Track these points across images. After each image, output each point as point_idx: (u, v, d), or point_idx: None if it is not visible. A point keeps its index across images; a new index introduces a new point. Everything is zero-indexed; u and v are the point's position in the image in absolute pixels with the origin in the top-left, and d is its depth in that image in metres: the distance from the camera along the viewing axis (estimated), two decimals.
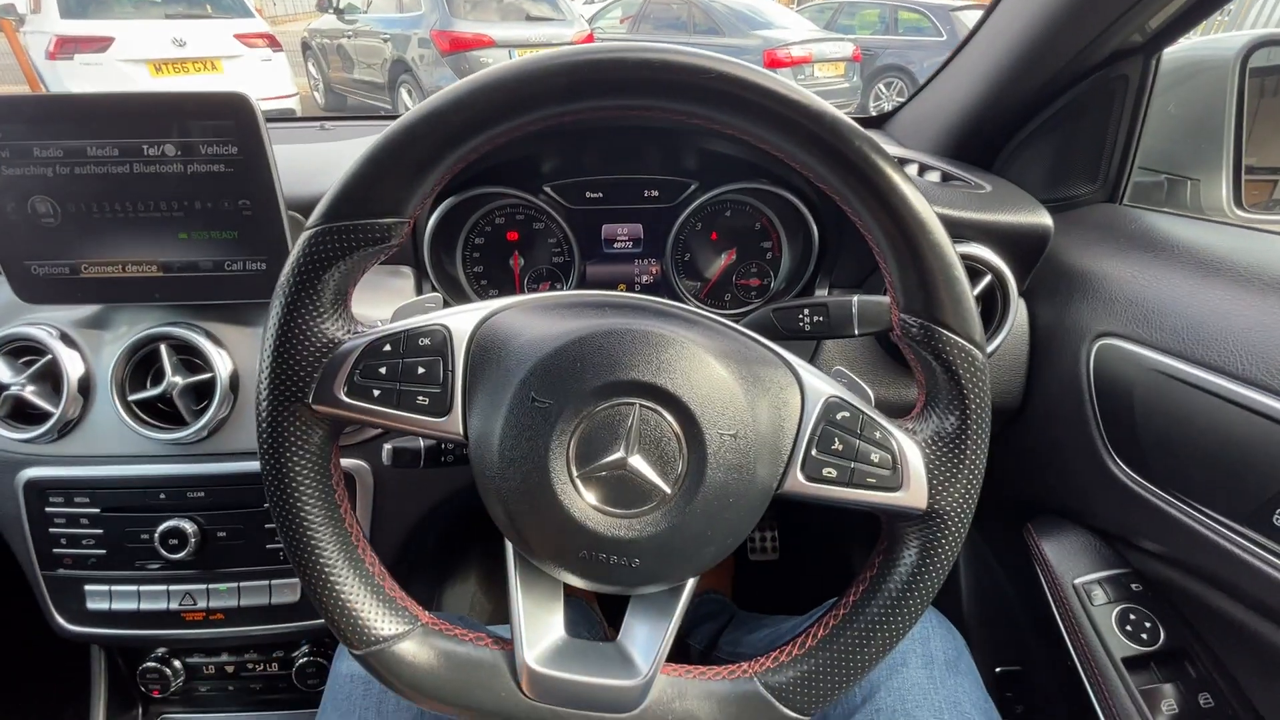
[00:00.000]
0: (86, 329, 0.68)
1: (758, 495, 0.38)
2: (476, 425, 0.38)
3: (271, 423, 0.39)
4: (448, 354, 0.38)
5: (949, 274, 0.37)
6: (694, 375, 0.36)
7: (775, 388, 0.39)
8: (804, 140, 0.36)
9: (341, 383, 0.38)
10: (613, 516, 0.36)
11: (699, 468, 0.36)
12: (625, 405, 0.36)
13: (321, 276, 0.37)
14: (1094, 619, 0.60)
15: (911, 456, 0.39)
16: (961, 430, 0.39)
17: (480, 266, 0.78)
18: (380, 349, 0.38)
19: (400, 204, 0.37)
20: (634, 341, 0.37)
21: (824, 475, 0.38)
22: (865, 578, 0.42)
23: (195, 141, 0.60)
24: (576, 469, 0.36)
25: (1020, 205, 0.69)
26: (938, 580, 0.40)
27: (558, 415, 0.36)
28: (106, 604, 0.69)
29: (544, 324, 0.39)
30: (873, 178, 0.36)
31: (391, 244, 0.38)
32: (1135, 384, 0.58)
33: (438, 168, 0.37)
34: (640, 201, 0.74)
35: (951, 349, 0.38)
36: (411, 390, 0.38)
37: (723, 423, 0.36)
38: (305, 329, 0.38)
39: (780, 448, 0.38)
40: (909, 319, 0.39)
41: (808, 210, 0.72)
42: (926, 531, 0.40)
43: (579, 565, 0.37)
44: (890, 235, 0.37)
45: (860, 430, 0.39)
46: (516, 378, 0.37)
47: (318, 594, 0.41)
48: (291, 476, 0.39)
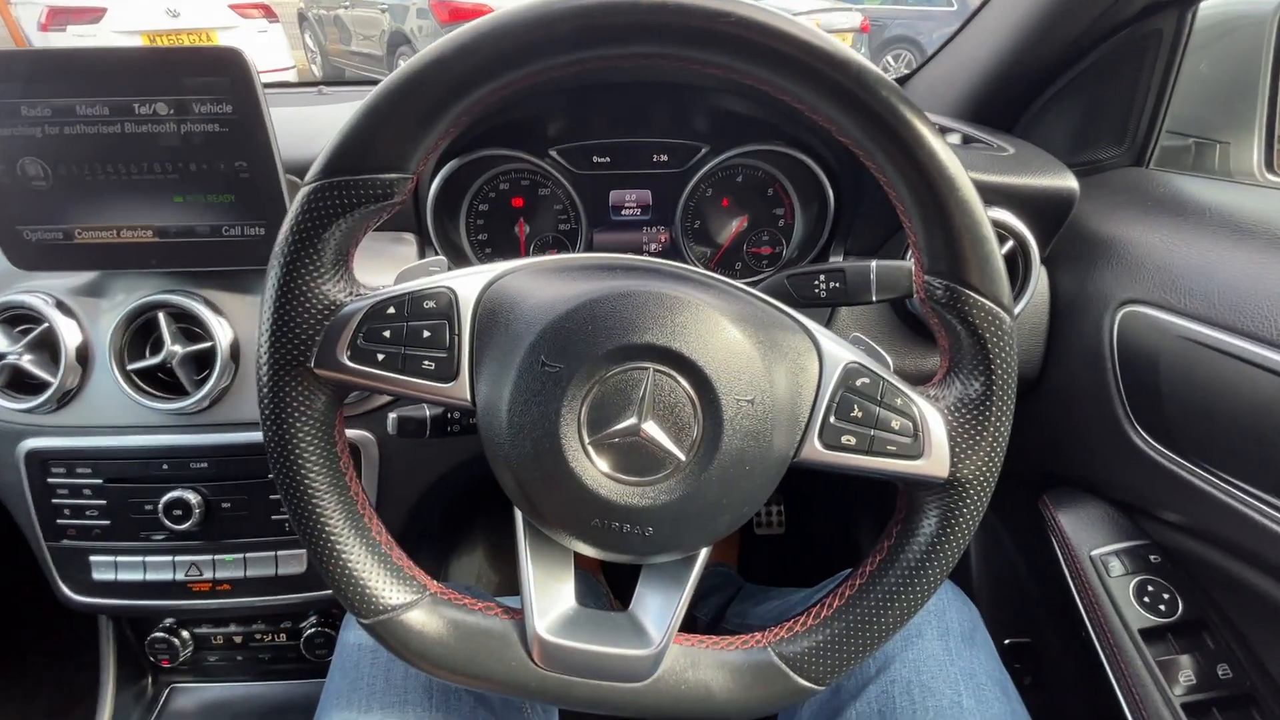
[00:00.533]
0: (83, 296, 0.66)
1: (774, 463, 0.37)
2: (484, 391, 0.36)
3: (273, 388, 0.38)
4: (454, 317, 0.37)
5: (977, 233, 0.35)
6: (710, 339, 0.35)
7: (793, 353, 0.38)
8: (827, 90, 0.34)
9: (344, 346, 0.37)
10: (625, 484, 0.35)
11: (714, 434, 0.35)
12: (639, 370, 0.35)
13: (321, 235, 0.36)
14: (1111, 590, 0.59)
15: (933, 424, 0.38)
16: (986, 396, 0.38)
17: (485, 234, 0.76)
18: (384, 312, 0.37)
19: (403, 158, 0.35)
20: (648, 304, 0.35)
21: (843, 443, 0.37)
22: (883, 547, 0.41)
23: (188, 100, 0.57)
24: (588, 435, 0.35)
25: (1044, 168, 0.66)
26: (957, 550, 0.39)
27: (569, 380, 0.34)
28: (112, 574, 0.69)
29: (554, 286, 0.37)
30: (899, 130, 0.34)
31: (394, 201, 0.36)
32: (1161, 352, 0.56)
33: (442, 119, 0.35)
34: (649, 166, 0.72)
35: (978, 312, 0.36)
36: (417, 354, 0.37)
37: (739, 388, 0.35)
38: (306, 290, 0.36)
39: (798, 414, 0.37)
40: (934, 281, 0.37)
41: (823, 173, 0.70)
42: (947, 500, 0.39)
43: (591, 534, 0.36)
44: (916, 191, 0.35)
45: (880, 397, 0.37)
46: (526, 341, 0.35)
47: (324, 563, 0.40)
48: (295, 444, 0.38)
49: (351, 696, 0.52)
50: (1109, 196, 0.69)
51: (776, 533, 1.27)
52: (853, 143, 0.36)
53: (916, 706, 0.51)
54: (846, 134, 0.36)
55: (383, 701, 0.51)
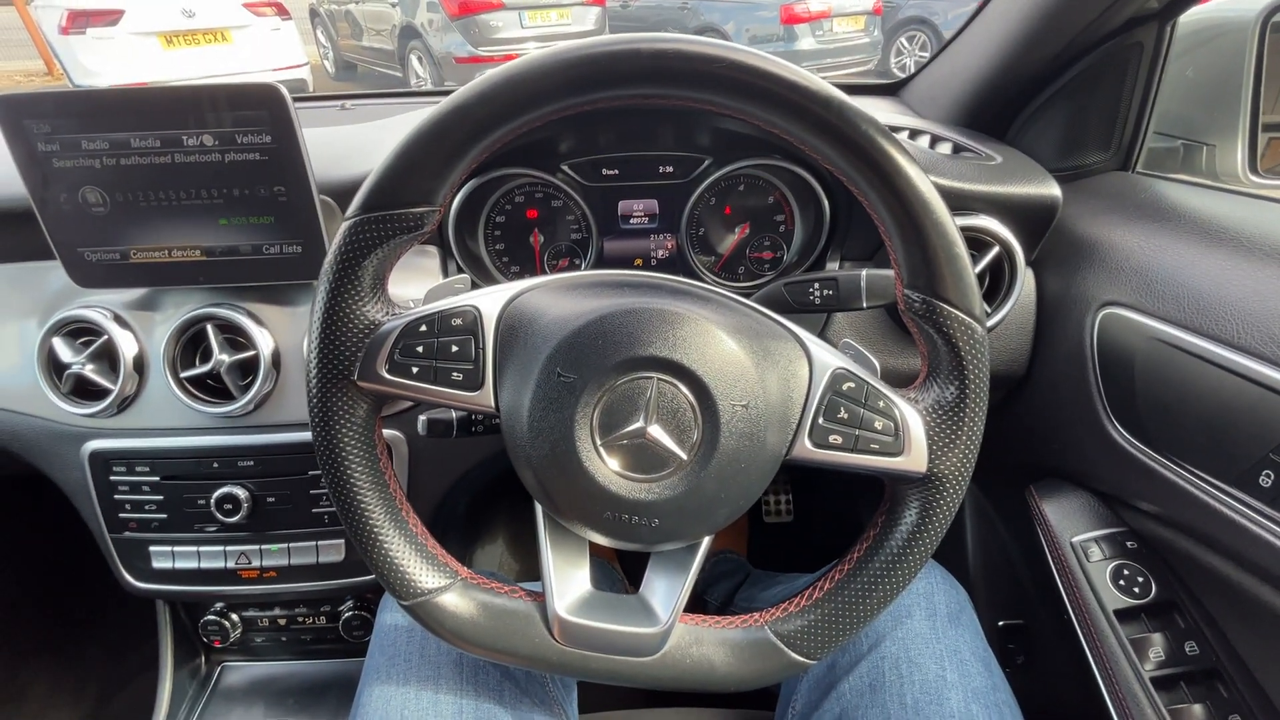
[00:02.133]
0: (138, 311, 0.72)
1: (768, 461, 0.40)
2: (507, 399, 0.40)
3: (321, 399, 0.42)
4: (479, 333, 0.40)
5: (950, 251, 0.38)
6: (707, 350, 0.38)
7: (785, 360, 0.40)
8: (812, 125, 0.38)
9: (383, 361, 0.40)
10: (634, 481, 0.39)
11: (713, 436, 0.38)
12: (644, 379, 0.38)
13: (361, 264, 0.40)
14: (1089, 574, 0.63)
15: (913, 424, 0.41)
16: (960, 400, 0.41)
17: (502, 244, 0.80)
18: (417, 329, 0.40)
19: (431, 193, 0.39)
20: (651, 319, 0.38)
21: (830, 442, 0.40)
22: (869, 536, 0.45)
23: (231, 132, 0.63)
24: (600, 438, 0.38)
25: (1029, 177, 0.69)
26: (936, 537, 0.42)
27: (582, 389, 0.38)
28: (170, 563, 0.75)
29: (567, 303, 0.41)
30: (878, 160, 0.38)
31: (424, 230, 0.40)
32: (1136, 352, 0.60)
33: (465, 158, 0.39)
34: (655, 178, 0.75)
35: (952, 323, 0.39)
36: (447, 367, 0.40)
37: (735, 394, 0.38)
38: (348, 313, 0.40)
39: (789, 416, 0.40)
40: (912, 294, 0.40)
41: (819, 185, 0.73)
42: (926, 493, 0.42)
43: (604, 525, 0.40)
44: (895, 214, 0.38)
45: (865, 400, 0.40)
46: (543, 354, 0.39)
47: (368, 551, 0.45)
48: (341, 447, 0.43)
49: (390, 671, 0.58)
50: (1094, 201, 0.71)
51: (785, 521, 1.31)
52: (837, 170, 0.39)
53: (904, 680, 0.56)
54: (831, 163, 0.39)
55: (419, 675, 0.57)
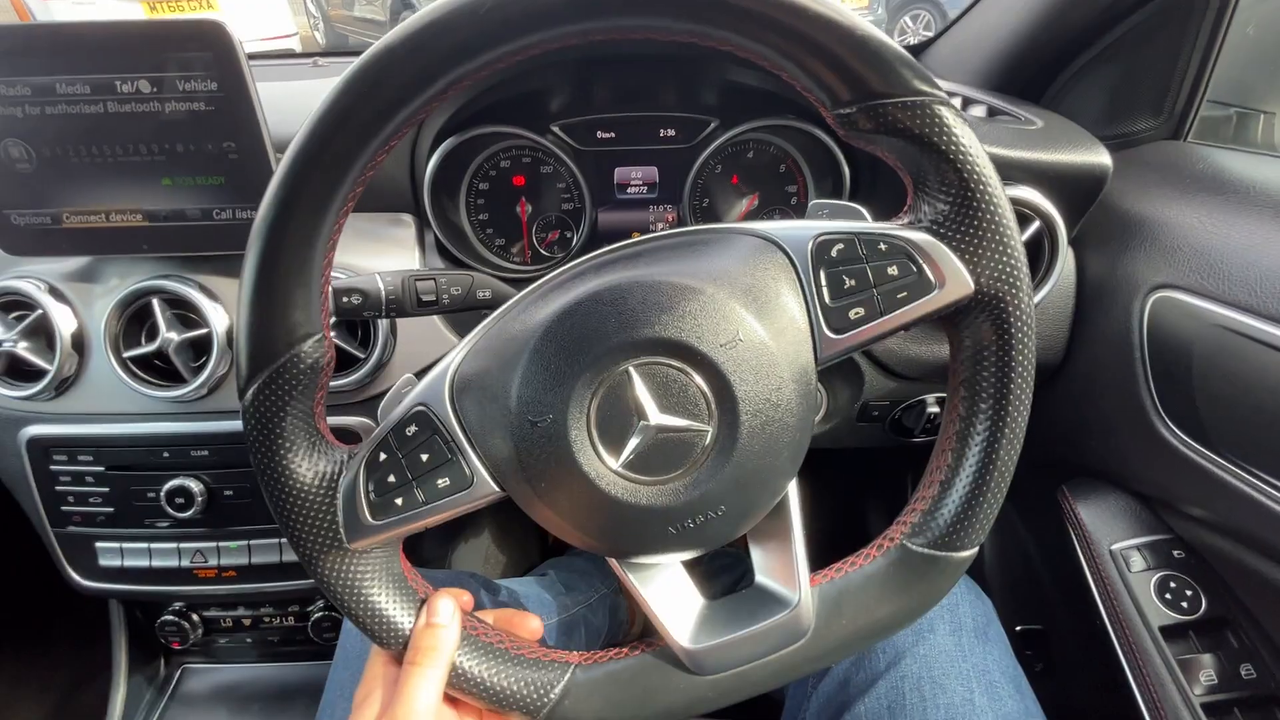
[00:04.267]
0: (76, 282, 0.65)
1: (801, 380, 0.35)
2: (505, 473, 0.36)
3: (339, 580, 0.37)
4: (439, 428, 0.36)
5: (851, 38, 0.31)
6: (663, 308, 0.33)
7: (757, 266, 0.35)
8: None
9: (364, 511, 0.36)
10: (673, 482, 0.34)
11: (723, 391, 0.33)
12: (618, 375, 0.33)
13: (282, 430, 0.35)
14: (1131, 586, 0.57)
15: (929, 248, 0.34)
16: (965, 196, 0.34)
17: (485, 214, 0.73)
18: (377, 460, 0.36)
19: (307, 321, 0.34)
20: (587, 314, 0.34)
21: (853, 318, 0.35)
22: (957, 387, 0.38)
23: (171, 77, 0.55)
24: (615, 461, 0.34)
25: (1075, 143, 0.62)
26: (1030, 354, 0.36)
27: (564, 426, 0.34)
28: (119, 561, 0.69)
29: (499, 345, 0.36)
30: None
31: (321, 364, 0.35)
32: (1194, 340, 0.53)
33: (315, 260, 0.33)
34: (655, 142, 0.69)
35: (904, 115, 0.32)
36: (427, 480, 0.36)
37: (717, 334, 0.33)
38: (299, 485, 0.36)
39: (795, 320, 0.35)
40: (844, 113, 0.33)
41: (838, 148, 0.67)
42: (991, 313, 0.35)
43: (675, 542, 0.36)
44: (769, 32, 0.31)
45: (865, 254, 0.35)
46: (507, 414, 0.34)
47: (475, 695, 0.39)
48: (380, 610, 0.38)
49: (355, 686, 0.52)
50: (1143, 172, 0.65)
51: None
52: (720, 44, 0.32)
53: (927, 703, 0.50)
54: (708, 38, 0.32)
55: None
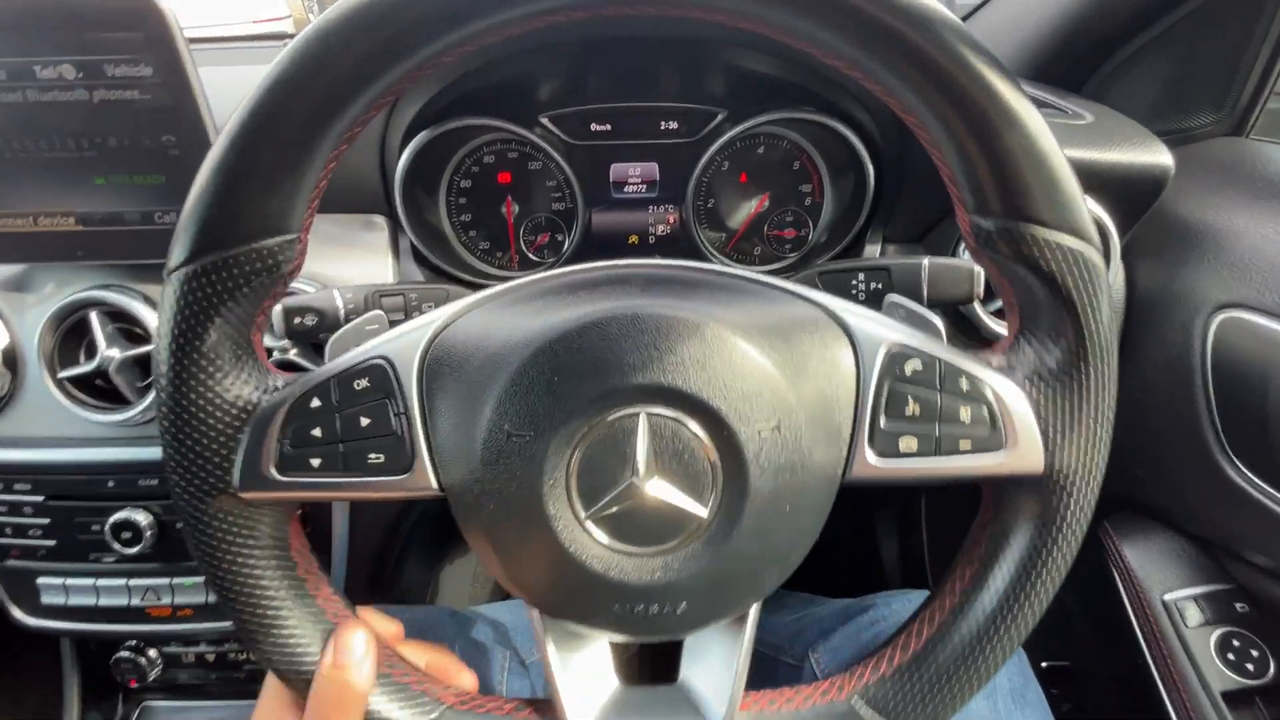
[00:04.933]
0: (7, 292, 0.58)
1: (820, 491, 0.32)
2: (452, 474, 0.31)
3: (197, 526, 0.32)
4: (395, 392, 0.31)
5: (1035, 150, 0.28)
6: (707, 360, 0.30)
7: (818, 348, 0.32)
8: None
9: (270, 458, 0.31)
10: (640, 557, 0.31)
11: (738, 477, 0.30)
12: (627, 417, 0.29)
13: (206, 330, 0.30)
14: (1187, 643, 0.51)
15: (1013, 403, 0.32)
16: (1076, 359, 0.31)
17: (468, 214, 0.67)
18: (307, 406, 0.31)
19: (282, 216, 0.30)
20: (620, 334, 0.30)
21: (902, 449, 0.32)
22: (971, 561, 0.35)
23: (99, 61, 0.48)
24: (583, 509, 0.30)
25: (1131, 140, 0.56)
26: (1066, 560, 0.33)
27: (544, 450, 0.29)
28: (62, 598, 0.63)
29: (506, 328, 0.32)
30: (908, 32, 0.27)
31: (283, 271, 0.30)
32: (1268, 368, 0.47)
33: (319, 150, 0.29)
34: (656, 135, 0.63)
35: (1050, 251, 0.29)
36: (359, 449, 0.31)
37: (757, 414, 0.30)
38: (204, 399, 0.30)
39: (839, 425, 0.32)
40: (983, 222, 0.30)
41: (863, 145, 0.60)
42: (1046, 498, 0.32)
43: (613, 621, 0.32)
44: (941, 105, 0.29)
45: (940, 381, 0.32)
46: (484, 409, 0.30)
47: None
48: (248, 589, 0.32)
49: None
50: (1202, 174, 0.58)
51: None
52: (849, 63, 0.29)
53: None
54: (839, 53, 0.29)
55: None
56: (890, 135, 0.59)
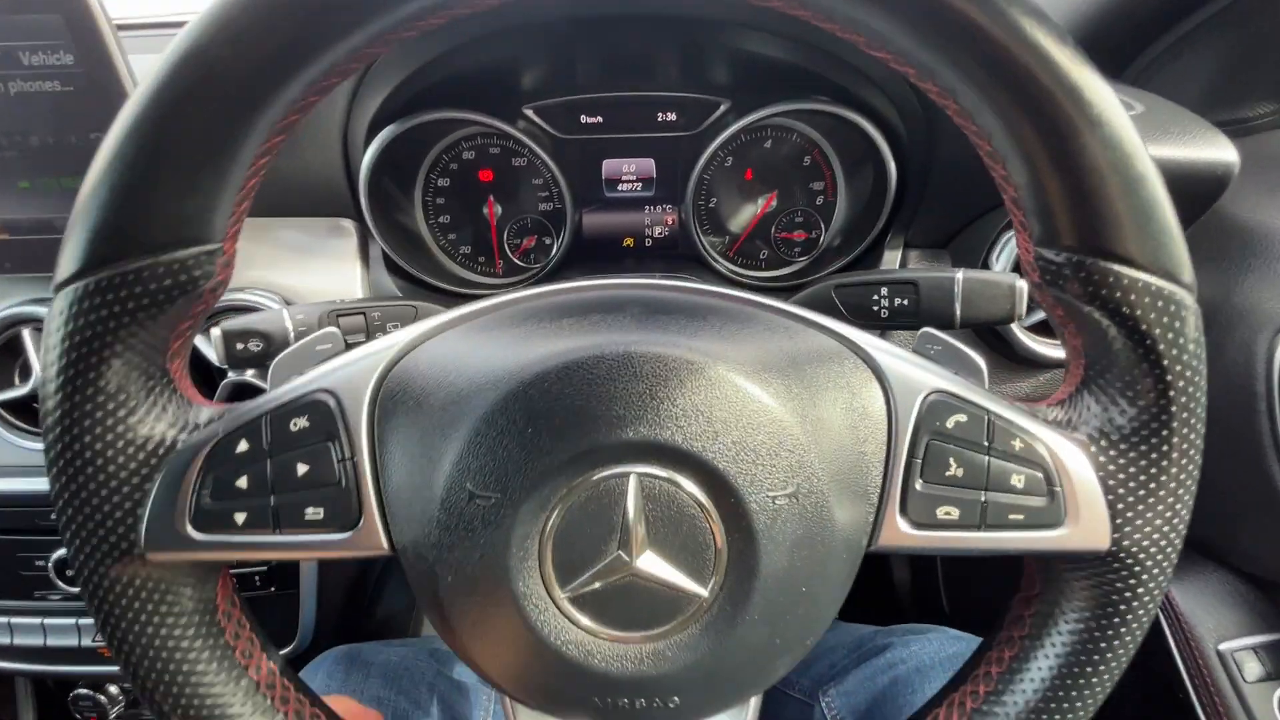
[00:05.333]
0: None
1: (842, 566, 0.28)
2: (406, 533, 0.27)
3: (98, 595, 0.27)
4: (339, 434, 0.27)
5: (1129, 172, 0.24)
6: (712, 410, 0.26)
7: (845, 394, 0.28)
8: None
9: (185, 513, 0.27)
10: (628, 644, 0.27)
11: (746, 552, 0.26)
12: (614, 479, 0.26)
13: (104, 360, 0.25)
14: (1246, 699, 0.46)
15: (1074, 467, 0.27)
16: (1155, 419, 0.27)
17: (447, 216, 0.63)
18: (231, 450, 0.27)
19: (201, 222, 0.25)
20: (608, 377, 0.26)
21: (940, 518, 0.28)
22: (1011, 639, 0.31)
23: (13, 48, 0.42)
24: (560, 587, 0.26)
25: (1190, 133, 0.50)
26: (1127, 653, 0.29)
27: (513, 516, 0.26)
28: (7, 639, 0.58)
29: (476, 359, 0.28)
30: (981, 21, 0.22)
31: (202, 289, 0.26)
32: None
33: (246, 140, 0.24)
34: (653, 128, 0.60)
35: (1134, 294, 0.25)
36: (294, 502, 0.27)
37: (771, 477, 0.26)
38: (103, 441, 0.26)
39: (865, 486, 0.28)
40: (1053, 256, 0.26)
41: (883, 138, 0.55)
42: (1107, 580, 0.28)
43: (594, 716, 0.28)
44: (1014, 114, 0.24)
45: (990, 439, 0.28)
46: (443, 463, 0.26)
47: None
48: (162, 666, 0.28)
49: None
50: (1262, 171, 0.53)
51: None
52: (898, 55, 0.25)
53: None
54: (890, 43, 0.25)
55: None
56: (916, 127, 0.53)
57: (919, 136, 0.54)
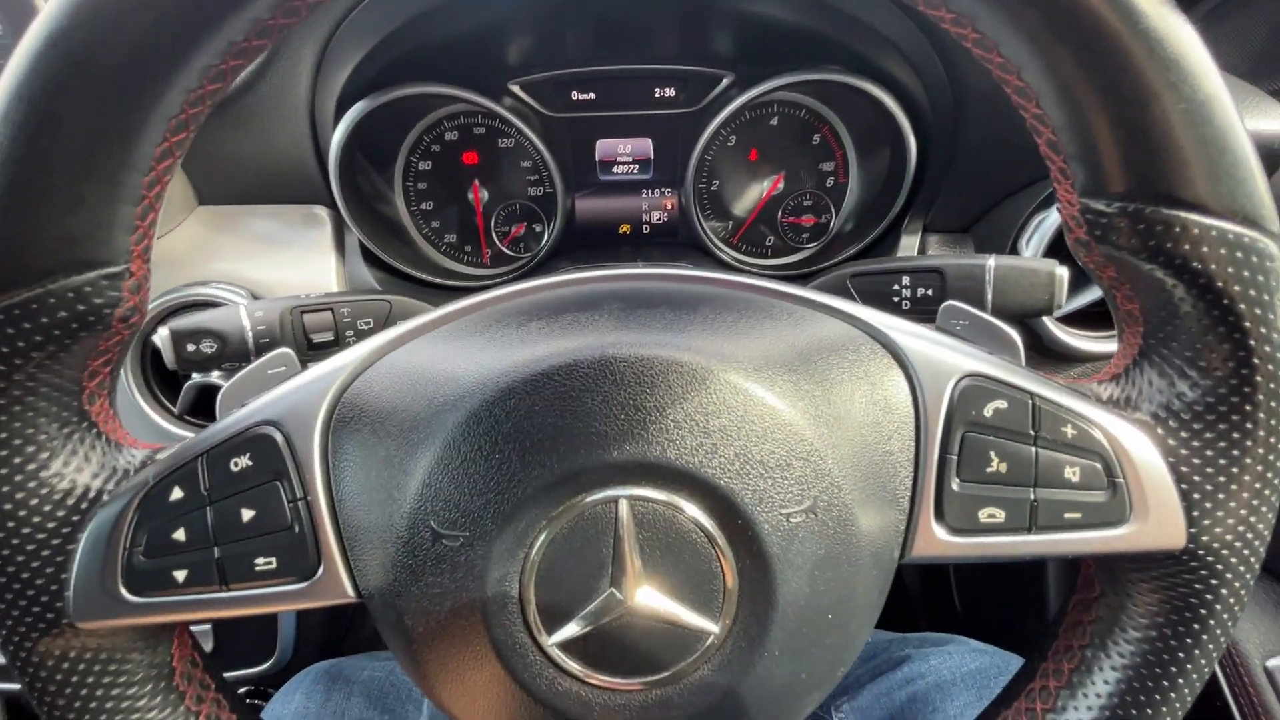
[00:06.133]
0: None
1: (871, 583, 0.26)
2: (372, 579, 0.25)
3: (27, 672, 0.25)
4: (288, 471, 0.25)
5: (1202, 110, 0.21)
6: (709, 418, 0.24)
7: (863, 384, 0.25)
8: None
9: (117, 573, 0.24)
10: (630, 692, 0.24)
11: (761, 580, 0.24)
12: (601, 505, 0.23)
13: (2, 404, 0.23)
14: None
15: (1138, 453, 0.24)
16: (1234, 391, 0.23)
17: (429, 202, 0.59)
18: (164, 499, 0.24)
19: (95, 240, 0.22)
20: (586, 387, 0.24)
21: (983, 521, 0.25)
22: (1070, 647, 0.28)
23: None
24: (546, 632, 0.24)
25: (1243, 102, 0.46)
26: (1208, 665, 0.26)
27: (485, 557, 0.23)
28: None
29: (435, 374, 0.25)
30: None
31: (109, 319, 0.23)
32: None
33: (140, 138, 0.21)
34: (650, 105, 0.57)
35: (1205, 243, 0.22)
36: (240, 553, 0.25)
37: (783, 492, 0.24)
38: (13, 499, 0.23)
39: (893, 490, 0.25)
40: (1098, 205, 0.23)
41: (903, 110, 0.51)
42: (1184, 581, 0.25)
43: None
44: (1060, 43, 0.21)
45: (1036, 427, 0.25)
46: (404, 498, 0.24)
47: None
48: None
49: None
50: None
51: None
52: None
53: None
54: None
55: None
56: (940, 97, 0.50)
57: (943, 108, 0.50)
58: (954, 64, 0.46)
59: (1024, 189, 0.49)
